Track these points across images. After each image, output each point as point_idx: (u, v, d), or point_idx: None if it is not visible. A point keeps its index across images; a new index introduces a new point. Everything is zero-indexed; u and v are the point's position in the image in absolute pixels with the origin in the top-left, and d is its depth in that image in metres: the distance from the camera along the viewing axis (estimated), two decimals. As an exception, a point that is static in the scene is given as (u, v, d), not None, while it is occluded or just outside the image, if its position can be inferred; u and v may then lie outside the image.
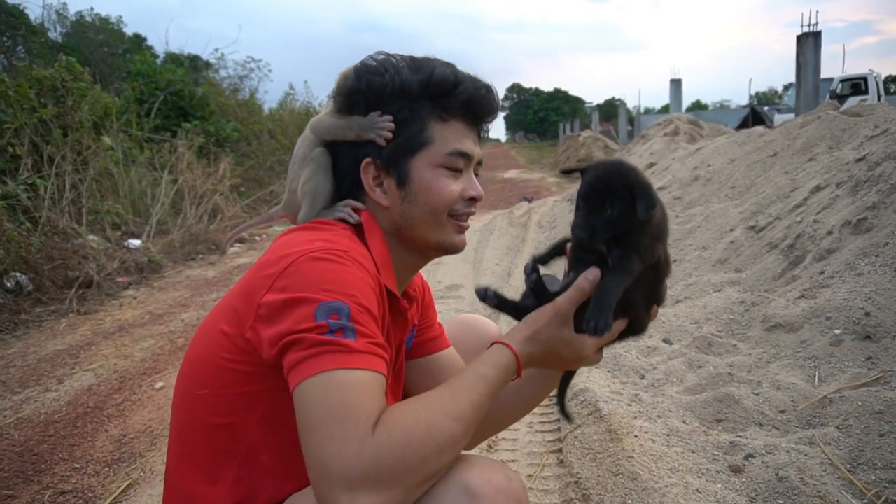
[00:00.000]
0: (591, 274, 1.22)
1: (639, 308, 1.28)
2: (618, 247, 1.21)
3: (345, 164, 1.35)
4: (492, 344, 1.23)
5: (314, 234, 1.21)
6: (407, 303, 1.41)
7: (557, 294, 1.25)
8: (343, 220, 1.31)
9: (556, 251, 1.37)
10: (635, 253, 1.21)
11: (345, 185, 1.37)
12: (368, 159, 1.30)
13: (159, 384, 3.77)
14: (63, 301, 5.74)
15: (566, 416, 1.52)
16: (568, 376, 1.50)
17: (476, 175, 1.39)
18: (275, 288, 1.08)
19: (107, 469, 2.85)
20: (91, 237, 7.24)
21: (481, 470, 1.09)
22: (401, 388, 1.54)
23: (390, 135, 1.28)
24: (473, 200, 1.35)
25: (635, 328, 1.30)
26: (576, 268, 1.28)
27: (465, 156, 1.32)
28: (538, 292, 1.30)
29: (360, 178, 1.33)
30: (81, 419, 3.36)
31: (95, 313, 5.60)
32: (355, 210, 1.32)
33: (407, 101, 1.29)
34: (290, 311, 1.05)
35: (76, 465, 2.88)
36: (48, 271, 6.01)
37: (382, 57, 1.33)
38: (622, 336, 1.30)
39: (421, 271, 1.51)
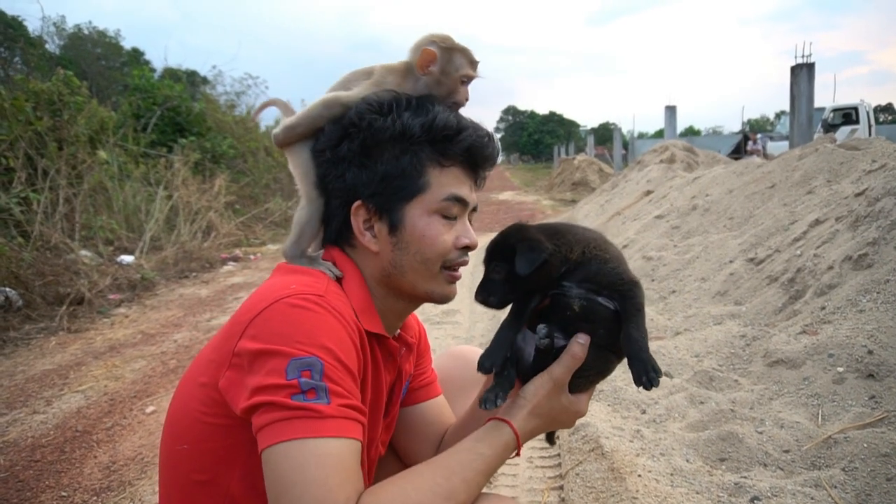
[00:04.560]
0: (583, 338, 1.21)
1: (611, 367, 1.29)
2: (615, 295, 1.22)
3: (334, 204, 1.29)
4: (491, 418, 1.20)
5: (292, 278, 1.18)
6: (400, 345, 1.36)
7: (534, 362, 1.24)
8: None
9: (506, 347, 1.26)
10: (632, 286, 1.21)
11: (332, 227, 1.31)
12: (359, 202, 1.25)
13: (150, 408, 3.69)
14: (53, 318, 5.65)
15: (550, 440, 1.50)
16: None
17: (470, 222, 1.34)
18: (247, 335, 1.05)
19: (94, 498, 2.76)
20: (83, 252, 7.17)
21: None
22: (389, 436, 1.48)
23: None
24: (467, 249, 1.30)
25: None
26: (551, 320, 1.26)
27: (461, 201, 1.27)
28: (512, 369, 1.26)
29: (348, 221, 1.27)
30: (69, 444, 3.28)
31: (86, 331, 5.51)
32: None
33: (407, 145, 1.24)
34: (261, 364, 1.02)
35: (63, 494, 2.80)
36: (39, 287, 5.93)
37: (386, 94, 1.28)
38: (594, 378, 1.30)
39: None
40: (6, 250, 5.83)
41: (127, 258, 7.86)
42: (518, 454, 1.20)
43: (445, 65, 1.30)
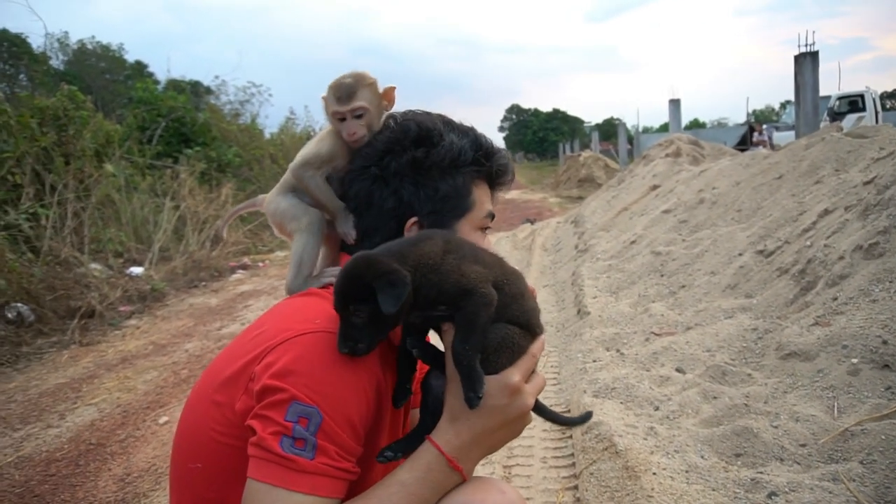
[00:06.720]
0: (446, 325, 1.15)
1: (516, 337, 1.18)
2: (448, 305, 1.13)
3: (377, 218, 1.30)
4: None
5: (316, 309, 1.17)
6: None
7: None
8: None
9: (408, 372, 1.24)
10: (462, 297, 1.11)
11: (374, 240, 1.28)
12: (415, 219, 1.28)
13: (163, 419, 3.71)
14: (65, 332, 5.69)
15: (578, 421, 1.43)
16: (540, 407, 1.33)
17: None
18: (265, 362, 1.06)
19: (110, 511, 2.78)
20: (93, 265, 7.20)
21: (476, 490, 1.13)
22: (408, 421, 1.47)
23: (352, 240, 1.30)
24: None
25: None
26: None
27: (492, 216, 1.38)
28: (428, 405, 1.23)
29: (394, 235, 1.26)
30: (84, 457, 3.30)
31: (98, 344, 5.54)
32: None
33: (461, 167, 1.31)
34: (268, 395, 1.04)
35: (78, 507, 2.81)
36: (50, 301, 5.96)
37: (419, 117, 1.34)
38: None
39: None
40: (17, 266, 5.87)
41: (136, 270, 7.89)
42: (456, 467, 1.11)
43: (325, 105, 1.35)
